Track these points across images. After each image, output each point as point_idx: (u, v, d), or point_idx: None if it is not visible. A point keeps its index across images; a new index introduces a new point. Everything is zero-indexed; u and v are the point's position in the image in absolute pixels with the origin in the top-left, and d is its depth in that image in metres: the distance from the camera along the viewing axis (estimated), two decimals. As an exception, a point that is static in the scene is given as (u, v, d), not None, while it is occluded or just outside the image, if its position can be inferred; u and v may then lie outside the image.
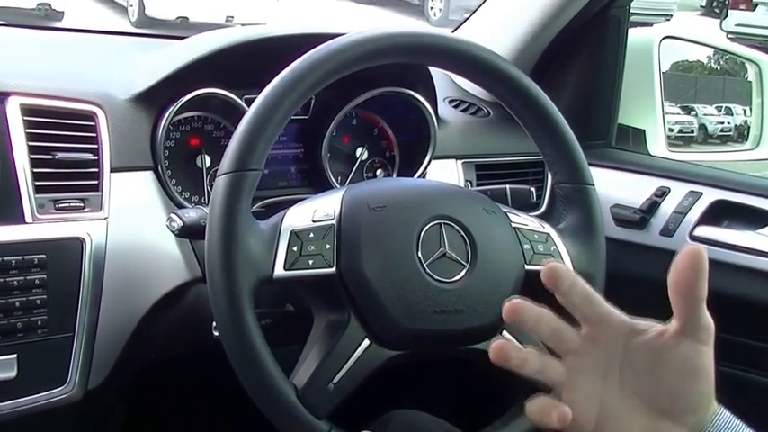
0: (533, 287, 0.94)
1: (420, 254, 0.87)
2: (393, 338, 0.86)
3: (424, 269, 0.86)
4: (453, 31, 1.61)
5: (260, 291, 0.82)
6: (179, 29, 7.19)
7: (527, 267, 0.94)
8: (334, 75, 0.86)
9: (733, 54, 2.07)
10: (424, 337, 0.88)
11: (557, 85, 1.48)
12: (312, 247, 0.84)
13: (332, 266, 0.84)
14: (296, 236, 0.84)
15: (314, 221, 0.86)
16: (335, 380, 0.83)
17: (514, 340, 0.92)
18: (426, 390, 1.54)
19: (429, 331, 0.87)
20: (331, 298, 0.87)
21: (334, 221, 0.86)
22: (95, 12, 8.03)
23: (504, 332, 0.92)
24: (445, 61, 0.96)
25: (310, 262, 0.84)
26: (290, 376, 0.84)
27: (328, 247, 0.85)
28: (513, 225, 0.95)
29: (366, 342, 0.85)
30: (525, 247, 0.94)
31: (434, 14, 9.76)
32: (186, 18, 7.28)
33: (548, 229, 0.99)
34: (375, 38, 0.88)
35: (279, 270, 0.83)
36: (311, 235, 0.85)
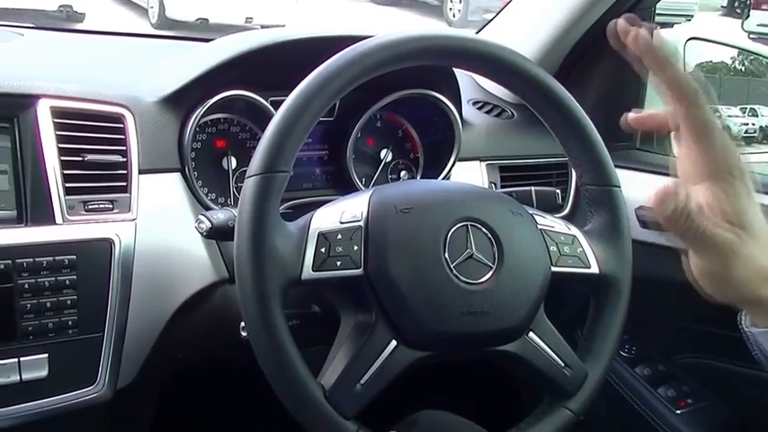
0: (559, 289, 0.94)
1: (447, 255, 0.87)
2: (420, 340, 0.86)
3: (451, 271, 0.86)
4: (477, 33, 1.62)
5: (287, 292, 0.83)
6: (199, 30, 7.21)
7: (553, 269, 0.94)
8: (362, 78, 0.86)
9: (758, 55, 2.05)
10: (451, 338, 0.88)
11: (581, 87, 1.47)
12: (340, 249, 0.84)
13: (359, 268, 0.85)
14: (324, 237, 0.84)
15: (341, 223, 0.86)
16: (363, 380, 0.83)
17: (541, 342, 0.92)
18: (452, 390, 1.54)
19: (456, 333, 0.87)
20: (358, 299, 0.87)
21: (361, 223, 0.86)
22: (116, 13, 8.07)
23: (531, 333, 0.92)
24: (472, 63, 0.96)
25: (338, 263, 0.84)
26: (318, 377, 0.84)
27: (356, 248, 0.85)
28: (540, 227, 0.95)
29: (393, 343, 0.85)
30: (551, 248, 0.94)
31: (453, 15, 9.74)
32: (206, 20, 7.29)
33: (574, 230, 0.98)
34: (402, 41, 0.88)
35: (307, 271, 0.83)
36: (339, 236, 0.85)
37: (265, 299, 0.79)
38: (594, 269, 0.97)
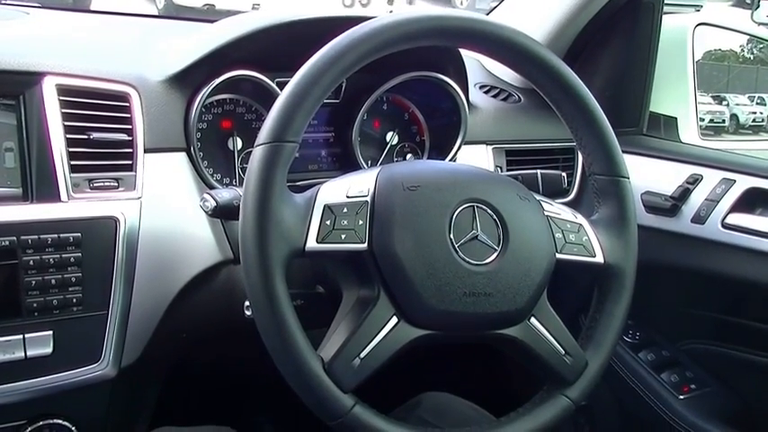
0: (562, 276, 0.94)
1: (452, 235, 0.87)
2: (421, 318, 0.86)
3: (456, 251, 0.86)
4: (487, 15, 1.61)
5: (291, 266, 0.82)
6: (206, 16, 7.18)
7: (558, 256, 0.93)
8: (374, 54, 0.86)
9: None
10: (452, 318, 0.87)
11: (589, 71, 1.48)
12: (345, 222, 0.84)
13: (363, 242, 0.85)
14: (329, 210, 0.84)
15: (348, 197, 0.86)
16: (362, 355, 0.83)
17: (542, 328, 0.92)
18: (455, 374, 1.55)
19: (457, 313, 0.87)
20: (361, 274, 0.87)
21: (368, 198, 0.86)
22: (122, -1, 8.03)
23: (532, 318, 0.92)
24: (485, 45, 0.95)
25: (343, 236, 0.84)
26: (318, 349, 0.84)
27: (361, 223, 0.85)
28: (546, 213, 0.95)
29: (394, 320, 0.85)
30: (557, 235, 0.94)
31: (461, 3, 9.69)
32: (212, 5, 7.27)
33: (580, 219, 0.98)
34: (416, 19, 0.87)
35: (311, 242, 0.83)
36: (345, 210, 0.85)
37: (268, 266, 0.79)
38: (599, 259, 0.97)
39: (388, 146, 1.33)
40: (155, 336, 1.08)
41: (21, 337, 0.97)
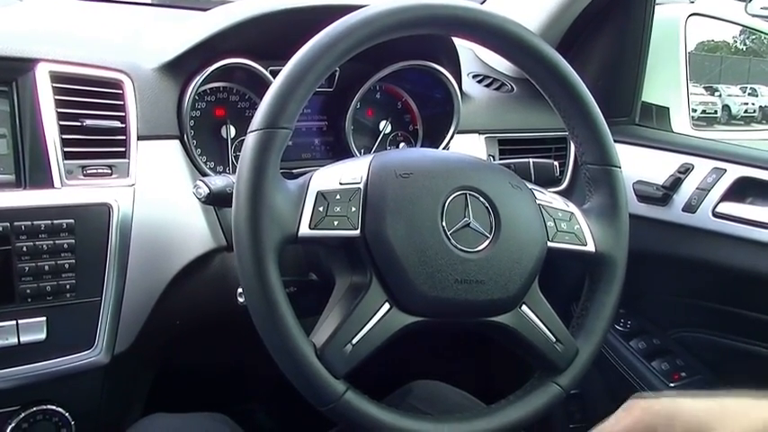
0: (554, 265, 0.94)
1: (444, 222, 0.87)
2: (413, 304, 0.87)
3: (448, 238, 0.87)
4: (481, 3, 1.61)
5: (284, 254, 0.82)
6: (200, 4, 7.14)
7: (549, 244, 0.94)
8: (369, 41, 0.85)
9: (761, 32, 2.04)
10: (444, 305, 0.87)
11: (582, 61, 1.48)
12: (338, 209, 0.84)
13: (356, 229, 0.85)
14: (322, 196, 0.84)
15: (341, 184, 0.86)
16: (354, 341, 0.83)
17: (533, 316, 0.93)
18: (447, 362, 1.55)
19: (449, 300, 0.87)
20: (354, 260, 0.87)
21: (360, 185, 0.86)
22: (116, -12, 7.97)
23: (524, 306, 0.92)
24: (479, 35, 0.95)
25: (335, 223, 0.84)
26: (310, 335, 0.84)
27: (354, 209, 0.85)
28: (538, 202, 0.95)
29: (386, 306, 0.85)
30: (549, 224, 0.94)
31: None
32: (208, -5, 7.23)
33: (572, 208, 0.99)
34: (412, 7, 0.87)
35: (304, 229, 0.83)
36: (338, 197, 0.85)
37: (261, 252, 0.79)
38: (590, 247, 0.97)
39: (381, 134, 1.33)
40: (148, 323, 1.08)
41: (14, 322, 0.97)
